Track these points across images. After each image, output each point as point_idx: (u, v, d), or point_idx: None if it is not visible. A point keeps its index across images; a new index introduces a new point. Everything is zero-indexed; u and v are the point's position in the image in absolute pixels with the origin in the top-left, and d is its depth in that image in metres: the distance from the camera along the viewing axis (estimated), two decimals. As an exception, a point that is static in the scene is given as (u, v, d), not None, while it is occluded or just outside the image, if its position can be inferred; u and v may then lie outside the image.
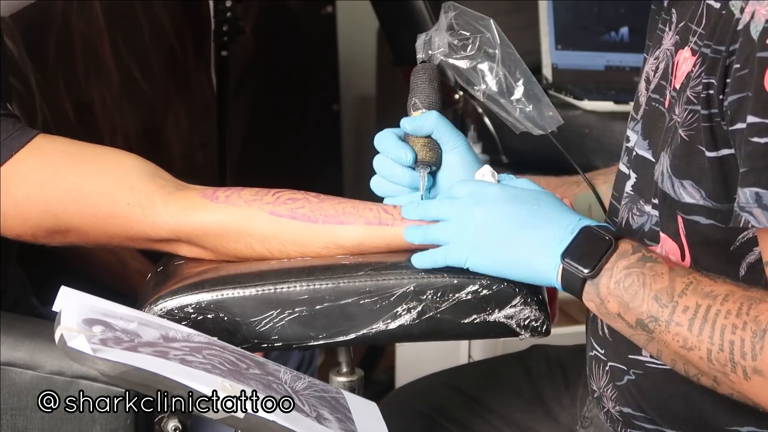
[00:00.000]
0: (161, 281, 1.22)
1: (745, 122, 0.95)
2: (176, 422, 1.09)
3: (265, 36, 2.86)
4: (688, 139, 1.04)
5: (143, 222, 1.22)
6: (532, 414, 1.37)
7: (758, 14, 0.95)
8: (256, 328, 1.16)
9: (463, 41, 1.21)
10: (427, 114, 1.22)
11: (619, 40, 2.38)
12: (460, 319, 1.16)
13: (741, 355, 0.96)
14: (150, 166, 1.27)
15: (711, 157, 1.01)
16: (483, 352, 2.15)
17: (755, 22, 0.95)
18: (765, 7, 0.95)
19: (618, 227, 1.18)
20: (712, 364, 0.99)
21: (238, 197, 1.23)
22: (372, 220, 1.21)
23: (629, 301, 1.04)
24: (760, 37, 0.94)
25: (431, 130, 1.21)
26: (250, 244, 1.22)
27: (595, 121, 2.20)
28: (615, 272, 1.05)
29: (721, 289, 1.00)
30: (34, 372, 1.20)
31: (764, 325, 0.96)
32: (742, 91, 0.96)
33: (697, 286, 1.01)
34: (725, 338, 0.97)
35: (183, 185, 1.27)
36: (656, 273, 1.03)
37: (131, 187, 1.23)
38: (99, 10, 2.44)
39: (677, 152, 1.06)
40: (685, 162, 1.04)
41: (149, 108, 2.59)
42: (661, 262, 1.04)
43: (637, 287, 1.03)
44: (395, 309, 1.16)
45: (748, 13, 0.96)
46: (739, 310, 0.98)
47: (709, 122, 1.00)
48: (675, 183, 1.06)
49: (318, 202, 1.22)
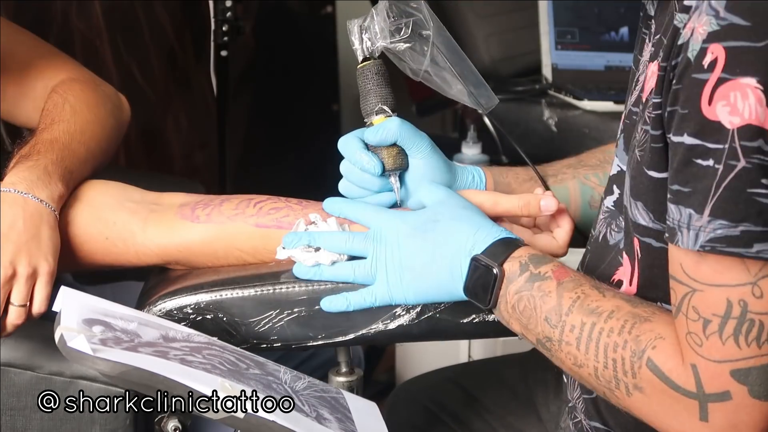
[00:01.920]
0: (160, 282, 1.22)
1: (677, 136, 0.94)
2: (176, 422, 1.09)
3: (265, 36, 2.86)
4: (640, 159, 1.03)
5: (127, 253, 1.22)
6: (526, 418, 1.38)
7: (696, 33, 0.93)
8: (255, 328, 1.16)
9: (396, 25, 1.20)
10: (389, 122, 1.21)
11: (619, 40, 2.38)
12: (458, 319, 1.16)
13: (623, 373, 0.98)
14: (116, 189, 1.26)
15: (657, 178, 1.01)
16: (483, 353, 2.15)
17: (693, 41, 0.93)
18: (703, 25, 0.93)
19: (594, 241, 1.17)
20: (599, 380, 1.01)
21: (219, 213, 1.22)
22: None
23: (526, 323, 1.06)
24: (696, 57, 0.93)
25: (395, 138, 1.21)
26: (241, 257, 1.22)
27: (595, 121, 2.20)
28: (508, 298, 1.07)
29: (607, 305, 1.01)
30: (34, 372, 1.20)
31: (643, 344, 0.97)
32: (674, 105, 0.95)
33: (583, 301, 1.02)
34: (608, 356, 0.99)
35: (156, 200, 1.26)
36: (544, 292, 1.05)
37: (105, 220, 1.22)
38: (99, 10, 2.44)
39: (633, 173, 1.05)
40: (638, 182, 1.04)
41: (149, 108, 2.59)
42: (550, 277, 1.05)
43: (530, 311, 1.05)
44: (394, 309, 1.16)
45: (689, 29, 0.94)
46: (621, 328, 0.99)
47: (659, 143, 0.99)
48: (631, 204, 1.06)
49: (301, 209, 1.22)
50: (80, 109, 1.35)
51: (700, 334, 0.94)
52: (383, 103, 1.22)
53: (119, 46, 2.49)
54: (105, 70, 2.44)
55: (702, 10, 0.93)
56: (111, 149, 1.39)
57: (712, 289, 0.93)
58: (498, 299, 1.08)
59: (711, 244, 0.92)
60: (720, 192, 0.91)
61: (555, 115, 2.23)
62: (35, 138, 1.27)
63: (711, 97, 0.91)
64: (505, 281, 1.07)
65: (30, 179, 1.18)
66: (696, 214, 0.93)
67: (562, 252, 1.21)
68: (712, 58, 0.91)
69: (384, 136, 1.21)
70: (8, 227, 1.14)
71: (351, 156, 1.22)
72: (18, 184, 1.17)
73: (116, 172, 1.36)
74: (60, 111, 1.33)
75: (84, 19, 2.42)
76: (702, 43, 0.92)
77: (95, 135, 1.33)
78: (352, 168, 1.23)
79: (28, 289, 1.14)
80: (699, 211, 0.93)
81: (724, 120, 0.91)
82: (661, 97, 0.98)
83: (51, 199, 1.18)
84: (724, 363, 0.93)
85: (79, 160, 1.27)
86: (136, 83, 2.53)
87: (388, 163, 1.21)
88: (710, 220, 0.92)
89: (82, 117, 1.33)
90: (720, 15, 0.91)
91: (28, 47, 1.45)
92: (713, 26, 0.92)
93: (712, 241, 0.92)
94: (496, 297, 1.08)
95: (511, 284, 1.07)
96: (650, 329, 0.98)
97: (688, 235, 0.94)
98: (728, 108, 0.91)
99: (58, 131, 1.29)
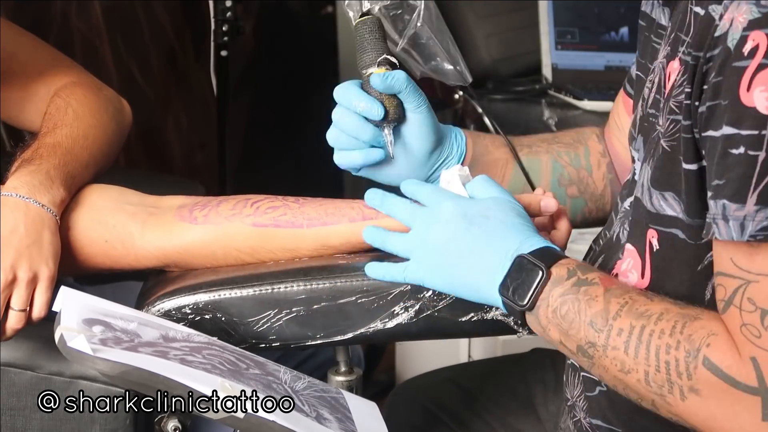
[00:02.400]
0: (159, 282, 1.22)
1: (717, 130, 0.93)
2: (176, 422, 1.09)
3: (265, 36, 2.86)
4: (670, 150, 1.02)
5: (126, 256, 1.22)
6: (525, 418, 1.37)
7: (736, 22, 0.93)
8: (254, 328, 1.16)
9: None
10: (396, 73, 1.21)
11: (619, 40, 2.38)
12: (457, 318, 1.16)
13: (677, 375, 0.95)
14: (114, 192, 1.26)
15: (687, 170, 1.00)
16: (483, 352, 2.15)
17: (732, 30, 0.93)
18: (743, 14, 0.92)
19: (608, 241, 1.17)
20: (649, 386, 0.98)
21: (217, 214, 1.22)
22: (355, 217, 1.21)
23: (567, 328, 1.03)
24: (736, 46, 0.92)
25: (402, 87, 1.21)
26: (240, 257, 1.22)
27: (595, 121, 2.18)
28: (551, 301, 1.04)
29: (656, 308, 0.99)
30: (34, 372, 1.20)
31: (697, 343, 0.95)
32: (716, 99, 0.94)
33: (632, 306, 1.00)
34: (660, 359, 0.96)
35: (155, 203, 1.26)
36: (591, 297, 1.02)
37: (104, 223, 1.22)
38: (99, 10, 2.44)
39: (658, 163, 1.04)
40: (667, 173, 1.03)
41: (149, 108, 2.59)
42: (597, 283, 1.03)
43: (573, 314, 1.02)
44: (393, 308, 1.16)
45: (727, 20, 0.94)
46: (672, 329, 0.97)
47: (689, 133, 0.99)
48: (654, 195, 1.05)
49: (299, 207, 1.22)
50: (83, 113, 1.35)
51: (757, 325, 0.92)
52: (387, 54, 1.22)
53: (119, 46, 2.50)
54: (105, 70, 2.44)
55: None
56: (113, 153, 1.39)
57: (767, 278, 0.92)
58: (538, 302, 1.05)
59: (765, 233, 0.90)
60: None
61: (555, 115, 2.22)
62: (38, 142, 1.28)
63: (750, 84, 0.91)
64: (550, 284, 1.04)
65: (32, 183, 1.18)
66: (733, 204, 0.92)
67: None
68: (753, 45, 0.91)
69: (392, 83, 1.20)
70: (9, 232, 1.14)
71: (350, 101, 1.21)
72: (20, 188, 1.18)
73: (116, 173, 1.36)
74: (63, 115, 1.33)
75: (84, 19, 2.43)
76: (742, 32, 0.92)
77: (98, 139, 1.34)
78: (347, 115, 1.21)
79: (28, 293, 1.14)
80: (737, 200, 0.92)
81: (761, 106, 0.90)
82: (690, 87, 0.97)
83: (52, 203, 1.18)
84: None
85: (81, 164, 1.27)
86: (136, 83, 2.53)
87: (390, 110, 1.21)
88: (759, 209, 0.90)
89: (84, 121, 1.34)
90: (761, 2, 0.91)
91: (30, 49, 1.45)
92: (754, 14, 0.91)
93: (765, 229, 0.90)
94: (536, 298, 1.05)
95: (555, 288, 1.04)
96: (701, 326, 0.96)
97: (727, 226, 0.92)
98: (767, 93, 0.90)
99: (60, 135, 1.29)
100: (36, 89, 1.42)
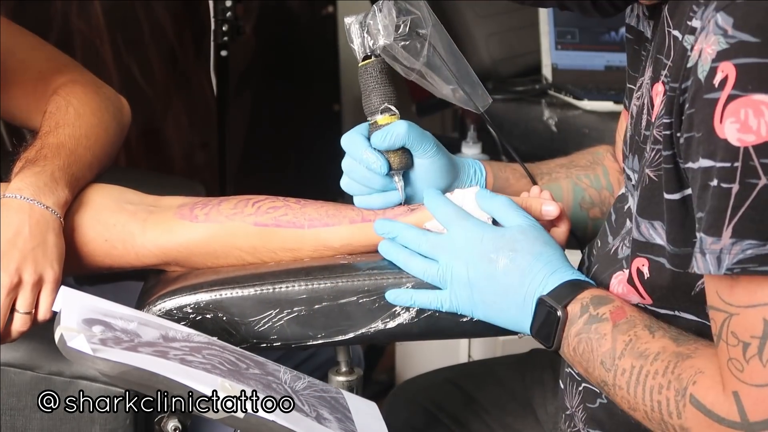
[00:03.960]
0: (160, 282, 1.22)
1: (694, 162, 0.93)
2: (176, 422, 1.09)
3: (265, 36, 2.86)
4: (656, 179, 1.02)
5: (127, 255, 1.22)
6: (524, 419, 1.37)
7: (704, 54, 0.91)
8: (255, 327, 1.16)
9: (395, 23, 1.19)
10: (397, 126, 1.19)
11: (619, 40, 2.37)
12: (458, 318, 1.16)
13: (668, 415, 0.97)
14: (114, 192, 1.26)
15: (669, 200, 0.99)
16: (483, 352, 2.15)
17: (702, 62, 0.91)
18: (711, 45, 0.91)
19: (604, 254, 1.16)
20: (651, 422, 0.99)
21: (218, 213, 1.22)
22: (355, 218, 1.21)
23: (586, 366, 1.05)
24: (707, 77, 0.91)
25: (403, 142, 1.19)
26: (241, 256, 1.22)
27: (595, 121, 2.20)
28: (570, 340, 1.06)
29: (654, 347, 1.00)
30: (34, 372, 1.20)
31: (685, 382, 0.95)
32: (690, 131, 0.93)
33: (635, 344, 1.01)
34: (654, 399, 0.98)
35: (154, 203, 1.26)
36: (600, 335, 1.04)
37: (104, 222, 1.22)
38: (99, 9, 2.44)
39: (644, 193, 1.04)
40: (655, 203, 1.03)
41: (149, 108, 2.59)
42: (607, 318, 1.04)
43: (588, 353, 1.04)
44: (394, 308, 1.16)
45: (696, 50, 0.93)
46: (665, 369, 0.98)
47: (670, 163, 0.98)
48: (643, 224, 1.05)
49: (300, 207, 1.22)
50: (84, 112, 1.35)
51: (740, 359, 0.91)
52: (388, 102, 1.21)
53: (119, 45, 2.50)
54: (105, 70, 2.44)
55: (709, 30, 0.91)
56: (114, 153, 1.39)
57: (748, 311, 0.91)
58: (561, 341, 1.07)
59: (741, 266, 0.90)
60: (743, 212, 0.89)
61: (555, 115, 2.22)
62: (41, 141, 1.27)
63: (722, 115, 0.90)
64: (568, 323, 1.06)
65: (36, 185, 1.18)
66: (708, 237, 0.91)
67: None
68: (722, 77, 0.90)
69: (393, 141, 1.19)
70: (14, 234, 1.14)
71: (356, 154, 1.21)
72: (24, 189, 1.17)
73: (116, 173, 1.36)
74: (64, 114, 1.33)
75: (84, 18, 2.43)
76: (711, 63, 0.91)
77: (99, 139, 1.33)
78: (356, 165, 1.21)
79: (33, 296, 1.14)
80: (712, 233, 0.91)
81: (731, 138, 0.89)
82: (670, 117, 0.97)
83: (57, 205, 1.18)
84: (766, 387, 0.90)
85: (84, 165, 1.27)
86: (136, 83, 2.53)
87: (394, 162, 1.20)
88: (735, 242, 0.90)
89: (86, 121, 1.34)
90: (728, 33, 0.90)
91: (29, 48, 1.45)
92: (722, 45, 0.90)
93: (741, 262, 0.89)
94: (559, 339, 1.07)
95: (572, 327, 1.06)
96: (691, 365, 0.96)
97: (704, 260, 0.92)
98: (737, 125, 0.89)
99: (63, 135, 1.29)
100: (34, 86, 1.42)
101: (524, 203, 1.17)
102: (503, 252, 1.10)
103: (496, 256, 1.10)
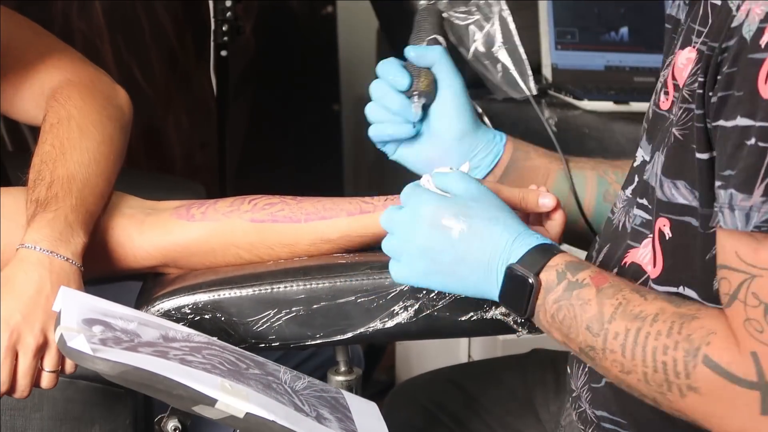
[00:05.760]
0: (159, 282, 1.22)
1: (728, 121, 0.93)
2: (176, 422, 1.10)
3: (265, 36, 2.86)
4: (682, 138, 1.02)
5: (125, 257, 1.22)
6: (524, 419, 1.37)
7: (753, 13, 0.92)
8: (254, 327, 1.16)
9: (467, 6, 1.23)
10: (433, 47, 1.24)
11: (619, 40, 2.38)
12: (457, 317, 1.16)
13: (675, 375, 0.96)
14: (114, 197, 1.25)
15: (700, 159, 0.99)
16: (483, 352, 2.15)
17: (749, 22, 0.92)
18: (760, 6, 0.91)
19: (613, 231, 1.17)
20: (649, 385, 0.98)
21: (215, 211, 1.22)
22: (353, 210, 1.21)
23: (567, 332, 1.03)
24: (753, 37, 0.92)
25: (433, 62, 1.23)
26: (238, 254, 1.22)
27: (595, 121, 2.20)
28: (548, 308, 1.04)
29: (650, 309, 0.99)
30: (34, 372, 1.20)
31: (697, 343, 0.95)
32: (728, 90, 0.94)
33: (626, 307, 1.00)
34: (657, 360, 0.96)
35: (152, 207, 1.25)
36: (584, 300, 1.02)
37: (103, 227, 1.21)
38: (99, 10, 2.44)
39: (670, 152, 1.04)
40: (679, 162, 1.03)
41: (149, 108, 2.59)
42: (588, 284, 1.03)
43: (570, 320, 1.03)
44: (392, 307, 1.16)
45: (743, 11, 0.93)
46: (669, 330, 0.97)
47: (702, 122, 0.98)
48: (666, 184, 1.04)
49: (296, 203, 1.22)
50: (86, 127, 1.30)
51: (760, 320, 0.91)
52: (439, 35, 1.25)
53: (120, 45, 2.50)
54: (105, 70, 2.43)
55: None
56: (121, 163, 1.35)
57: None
58: (536, 309, 1.05)
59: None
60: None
61: (555, 115, 2.22)
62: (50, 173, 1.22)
63: (767, 76, 0.90)
64: (543, 291, 1.04)
65: (52, 237, 1.14)
66: (740, 194, 0.91)
67: None
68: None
69: (424, 53, 1.23)
70: (36, 292, 1.12)
71: (385, 70, 1.24)
72: (41, 242, 1.14)
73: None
74: (66, 130, 1.28)
75: (85, 18, 2.43)
76: (759, 23, 0.91)
77: (109, 159, 1.29)
78: (381, 85, 1.24)
79: (59, 354, 1.11)
80: (744, 190, 0.91)
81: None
82: (704, 76, 0.97)
83: (75, 255, 1.15)
84: None
85: (97, 196, 1.23)
86: (136, 83, 2.53)
87: (419, 83, 1.22)
88: (765, 200, 0.90)
89: (92, 139, 1.29)
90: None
91: (31, 34, 1.42)
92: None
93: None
94: (532, 307, 1.05)
95: (549, 294, 1.04)
96: (700, 326, 0.96)
97: (732, 215, 0.92)
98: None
99: (72, 164, 1.24)
100: (32, 79, 1.38)
101: (521, 195, 1.17)
102: (457, 218, 1.09)
103: (449, 222, 1.09)
